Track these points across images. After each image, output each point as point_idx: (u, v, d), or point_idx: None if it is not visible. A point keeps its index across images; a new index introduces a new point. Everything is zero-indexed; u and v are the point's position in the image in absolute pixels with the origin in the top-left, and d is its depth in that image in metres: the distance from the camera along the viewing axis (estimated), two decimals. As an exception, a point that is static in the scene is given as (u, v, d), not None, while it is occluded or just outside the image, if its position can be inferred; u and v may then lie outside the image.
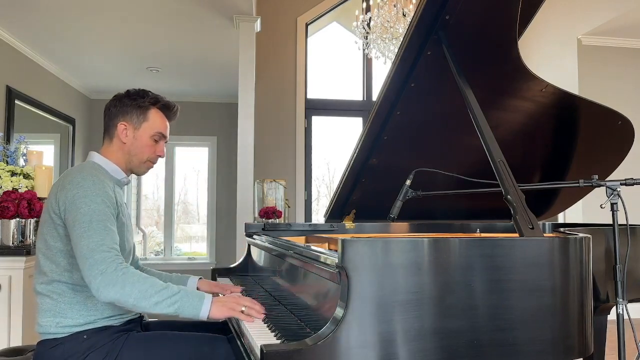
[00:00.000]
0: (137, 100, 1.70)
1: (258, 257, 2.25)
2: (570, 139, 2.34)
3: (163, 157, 1.79)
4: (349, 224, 2.38)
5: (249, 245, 2.40)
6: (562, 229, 1.92)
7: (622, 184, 1.57)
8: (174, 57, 5.13)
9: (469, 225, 2.58)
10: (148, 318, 1.88)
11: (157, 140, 1.74)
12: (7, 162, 2.85)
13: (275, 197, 4.72)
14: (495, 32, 1.74)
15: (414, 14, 1.66)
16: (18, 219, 2.68)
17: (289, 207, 5.12)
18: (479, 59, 1.82)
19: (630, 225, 1.68)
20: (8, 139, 4.40)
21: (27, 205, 2.65)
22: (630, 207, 1.62)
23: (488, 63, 1.85)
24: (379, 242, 1.21)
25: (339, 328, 1.14)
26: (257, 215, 4.45)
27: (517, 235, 1.41)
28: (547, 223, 2.67)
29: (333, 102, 6.23)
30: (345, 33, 6.37)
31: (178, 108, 1.81)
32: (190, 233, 7.21)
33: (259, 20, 4.19)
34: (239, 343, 1.42)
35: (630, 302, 1.64)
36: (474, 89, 1.66)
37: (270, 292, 1.89)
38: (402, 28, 4.40)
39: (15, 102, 4.75)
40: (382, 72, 6.14)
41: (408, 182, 1.79)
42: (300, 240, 2.20)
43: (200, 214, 7.13)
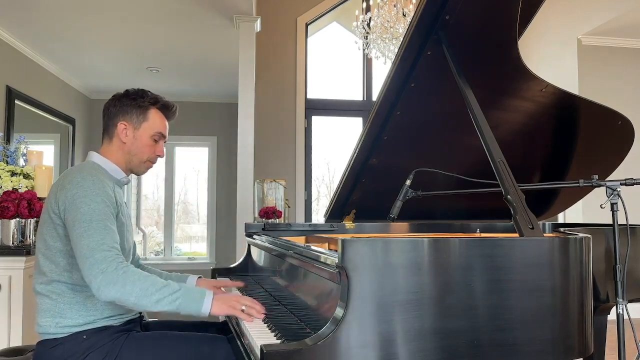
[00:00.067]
0: (136, 100, 1.70)
1: (258, 257, 2.25)
2: (570, 139, 2.34)
3: (162, 157, 1.79)
4: (349, 224, 2.38)
5: (249, 245, 2.40)
6: (562, 229, 1.92)
7: (622, 184, 1.57)
8: (174, 57, 5.13)
9: (469, 225, 2.58)
10: (148, 318, 1.88)
11: (156, 140, 1.74)
12: (7, 162, 2.85)
13: (275, 197, 4.72)
14: (495, 32, 1.74)
15: (414, 14, 1.66)
16: (18, 219, 2.68)
17: (289, 207, 5.12)
18: (479, 59, 1.82)
19: (630, 225, 1.68)
20: (8, 139, 4.40)
21: (27, 205, 2.65)
22: (630, 207, 1.62)
23: (488, 63, 1.85)
24: (379, 242, 1.21)
25: (339, 328, 1.14)
26: (257, 215, 4.45)
27: (517, 235, 1.41)
28: (547, 223, 2.67)
29: (333, 102, 6.23)
30: (345, 33, 6.37)
31: (177, 108, 1.81)
32: (190, 233, 7.21)
33: (259, 20, 4.19)
34: (239, 343, 1.42)
35: (630, 302, 1.64)
36: (474, 89, 1.66)
37: (270, 292, 1.89)
38: (402, 28, 4.40)
39: (15, 102, 4.75)
40: (382, 72, 6.14)
41: (408, 182, 1.79)
42: (300, 240, 2.20)
43: (200, 214, 7.13)
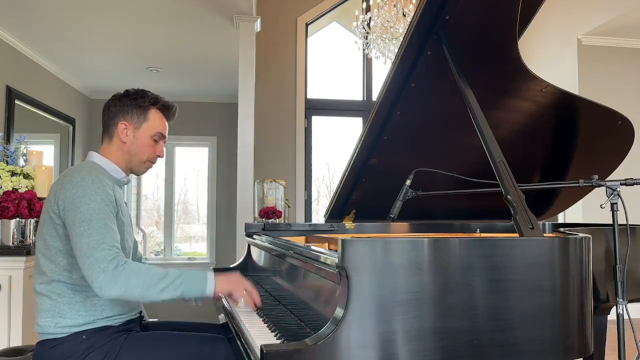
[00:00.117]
0: (137, 100, 1.70)
1: (258, 257, 2.25)
2: (570, 139, 2.34)
3: (162, 157, 1.79)
4: (349, 224, 2.38)
5: (249, 245, 2.40)
6: (562, 229, 1.92)
7: (622, 184, 1.57)
8: (174, 57, 5.13)
9: (469, 225, 2.58)
10: (148, 318, 1.88)
11: (156, 140, 1.74)
12: (7, 162, 2.85)
13: (275, 197, 4.72)
14: (495, 32, 1.74)
15: (414, 14, 1.66)
16: (18, 219, 2.68)
17: (289, 207, 5.12)
18: (479, 59, 1.82)
19: (630, 225, 1.68)
20: (8, 139, 4.40)
21: (27, 205, 2.65)
22: (630, 207, 1.62)
23: (488, 63, 1.85)
24: (379, 242, 1.21)
25: (339, 328, 1.14)
26: (257, 215, 4.45)
27: (517, 235, 1.41)
28: (547, 223, 2.67)
29: (333, 102, 6.23)
30: (345, 33, 6.37)
31: (177, 108, 1.82)
32: (190, 233, 7.21)
33: (259, 20, 4.19)
34: (239, 343, 1.42)
35: (630, 302, 1.64)
36: (474, 89, 1.66)
37: (270, 292, 1.89)
38: (402, 28, 4.39)
39: (15, 102, 4.75)
40: (382, 72, 6.14)
41: (408, 182, 1.79)
42: (300, 240, 2.20)
43: (200, 214, 7.13)
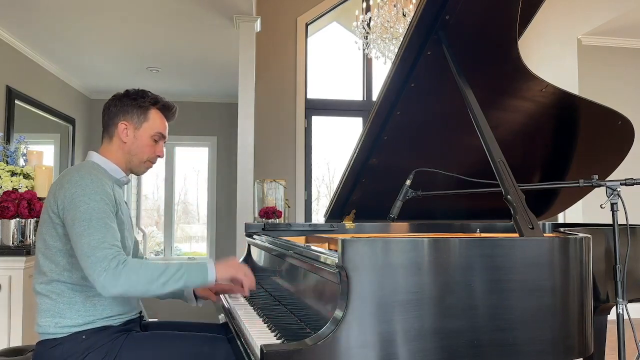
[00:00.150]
0: (137, 100, 1.71)
1: (258, 257, 2.25)
2: (570, 139, 2.34)
3: (162, 157, 1.79)
4: (349, 224, 2.38)
5: (249, 245, 2.40)
6: (562, 229, 1.92)
7: (622, 184, 1.57)
8: (174, 57, 5.13)
9: (469, 225, 2.58)
10: (148, 318, 1.88)
11: (157, 141, 1.74)
12: (7, 162, 2.85)
13: (275, 197, 4.72)
14: (495, 32, 1.74)
15: (414, 14, 1.66)
16: (18, 219, 2.68)
17: (289, 207, 5.12)
18: (479, 59, 1.82)
19: (630, 225, 1.68)
20: (8, 139, 4.40)
21: (27, 205, 2.65)
22: (630, 207, 1.62)
23: (488, 63, 1.85)
24: (379, 242, 1.21)
25: (339, 328, 1.14)
26: (257, 215, 4.45)
27: (517, 235, 1.41)
28: (547, 223, 2.67)
29: (333, 102, 6.23)
30: (345, 33, 6.37)
31: (177, 109, 1.82)
32: (190, 233, 7.21)
33: (259, 20, 4.19)
34: (239, 343, 1.42)
35: (630, 302, 1.64)
36: (474, 89, 1.66)
37: (270, 292, 1.89)
38: (402, 28, 4.39)
39: (15, 102, 4.75)
40: (382, 72, 6.14)
41: (408, 182, 1.79)
42: (300, 240, 2.20)
43: (200, 214, 7.13)
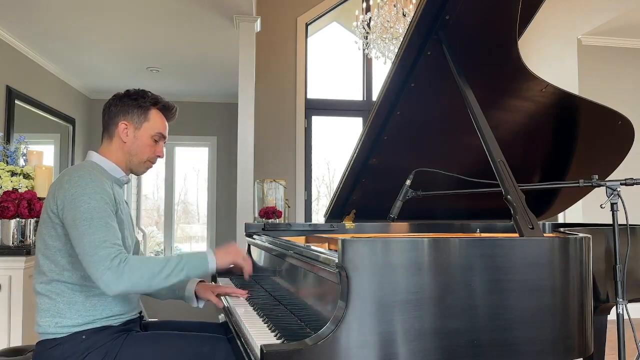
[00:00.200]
0: (137, 100, 1.71)
1: (258, 257, 2.25)
2: (570, 139, 2.34)
3: (162, 157, 1.79)
4: (349, 224, 2.38)
5: (249, 245, 2.40)
6: (562, 229, 1.92)
7: (622, 184, 1.57)
8: (174, 57, 5.13)
9: (469, 225, 2.58)
10: (148, 318, 1.88)
11: (157, 141, 1.74)
12: (7, 162, 2.85)
13: (275, 197, 4.72)
14: (495, 32, 1.74)
15: (414, 14, 1.66)
16: (18, 219, 2.68)
17: (289, 207, 5.12)
18: (479, 59, 1.82)
19: (630, 225, 1.68)
20: (8, 139, 4.40)
21: (27, 205, 2.65)
22: (630, 207, 1.62)
23: (488, 63, 1.85)
24: (379, 242, 1.21)
25: (339, 328, 1.14)
26: (257, 215, 4.45)
27: (517, 235, 1.41)
28: (547, 223, 2.67)
29: (333, 102, 6.23)
30: (345, 33, 6.37)
31: (177, 109, 1.82)
32: (190, 233, 7.21)
33: (259, 20, 4.19)
34: (239, 343, 1.42)
35: (630, 302, 1.64)
36: (474, 89, 1.66)
37: (270, 292, 1.89)
38: (402, 28, 4.39)
39: (15, 102, 4.75)
40: (382, 72, 6.14)
41: (408, 182, 1.79)
42: (300, 240, 2.20)
43: (200, 214, 7.13)
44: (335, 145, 6.32)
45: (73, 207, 1.49)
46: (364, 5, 4.90)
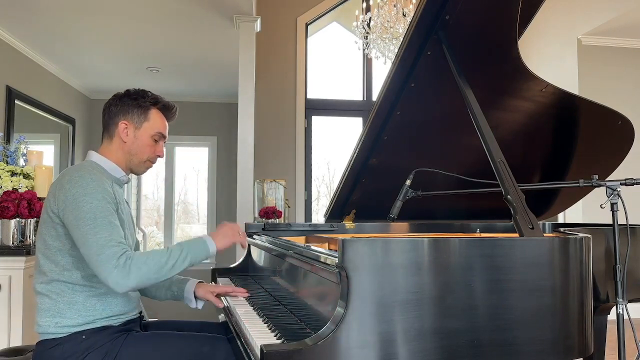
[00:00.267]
0: (138, 100, 1.71)
1: (258, 257, 2.25)
2: (570, 139, 2.34)
3: (162, 157, 1.79)
4: (349, 224, 2.38)
5: (249, 245, 2.40)
6: (562, 229, 1.92)
7: (622, 184, 1.57)
8: (174, 57, 5.13)
9: (469, 225, 2.58)
10: (147, 318, 1.88)
11: (157, 140, 1.74)
12: (7, 162, 2.85)
13: (275, 197, 4.72)
14: (495, 32, 1.74)
15: (414, 14, 1.66)
16: (18, 219, 2.68)
17: (289, 207, 5.12)
18: (479, 59, 1.82)
19: (630, 225, 1.68)
20: (8, 139, 4.40)
21: (27, 205, 2.65)
22: (630, 207, 1.62)
23: (488, 63, 1.85)
24: (379, 242, 1.21)
25: (339, 328, 1.14)
26: (257, 215, 4.44)
27: (517, 235, 1.41)
28: (547, 223, 2.67)
29: (333, 102, 6.23)
30: (345, 33, 6.37)
31: (177, 109, 1.82)
32: (190, 233, 7.21)
33: (259, 20, 4.19)
34: (239, 343, 1.42)
35: (630, 302, 1.64)
36: (474, 89, 1.66)
37: (270, 292, 1.89)
38: (402, 28, 4.39)
39: (15, 102, 4.75)
40: (382, 72, 6.14)
41: (408, 182, 1.79)
42: (300, 240, 2.20)
43: (200, 214, 7.13)
44: (335, 145, 6.31)
45: (75, 207, 1.49)
46: (364, 5, 4.90)
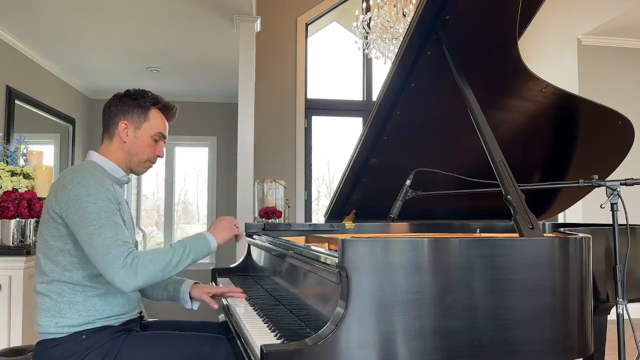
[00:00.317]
0: (138, 100, 1.71)
1: (258, 257, 2.25)
2: (570, 139, 2.34)
3: (162, 157, 1.79)
4: (349, 224, 2.38)
5: (249, 245, 2.40)
6: (562, 229, 1.92)
7: (622, 184, 1.57)
8: (174, 57, 5.13)
9: (469, 225, 2.58)
10: (147, 318, 1.88)
11: (157, 140, 1.74)
12: (7, 162, 2.85)
13: (275, 197, 4.72)
14: (495, 32, 1.74)
15: (414, 14, 1.66)
16: (18, 219, 2.68)
17: (289, 207, 5.12)
18: (479, 59, 1.82)
19: (630, 225, 1.68)
20: (8, 139, 4.40)
21: (27, 205, 2.65)
22: (630, 207, 1.62)
23: (488, 63, 1.85)
24: (379, 242, 1.21)
25: (339, 328, 1.14)
26: (257, 215, 4.44)
27: (517, 235, 1.41)
28: (547, 223, 2.67)
29: (333, 102, 6.23)
30: (345, 33, 6.37)
31: (177, 109, 1.82)
32: (191, 233, 7.21)
33: (259, 20, 4.19)
34: (239, 343, 1.42)
35: (630, 302, 1.64)
36: (474, 89, 1.66)
37: (270, 292, 1.89)
38: (402, 28, 4.39)
39: (15, 102, 4.75)
40: (382, 72, 6.14)
41: (408, 182, 1.79)
42: (300, 240, 2.20)
43: (200, 214, 7.13)
44: (335, 145, 6.31)
45: (78, 207, 1.50)
46: (364, 5, 4.90)
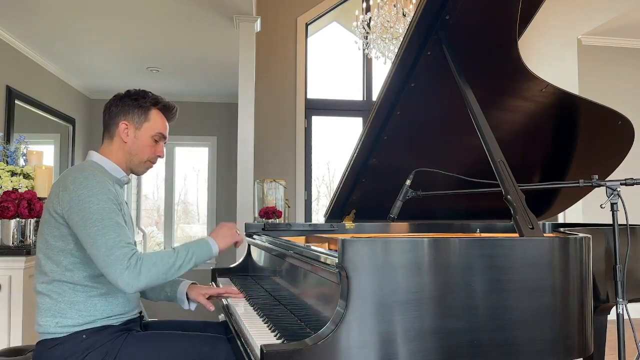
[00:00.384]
0: (138, 100, 1.71)
1: (258, 257, 2.25)
2: (570, 139, 2.34)
3: (163, 157, 1.79)
4: (349, 224, 2.38)
5: (249, 245, 2.40)
6: (562, 229, 1.92)
7: (622, 184, 1.57)
8: (174, 57, 5.13)
9: (469, 225, 2.58)
10: (148, 318, 1.88)
11: (157, 141, 1.74)
12: (7, 162, 2.85)
13: (275, 197, 4.72)
14: (495, 32, 1.74)
15: (414, 14, 1.66)
16: (18, 219, 2.68)
17: (289, 207, 5.12)
18: (479, 59, 1.82)
19: (630, 225, 1.68)
20: (8, 139, 4.40)
21: (27, 205, 2.65)
22: (630, 207, 1.62)
23: (488, 63, 1.85)
24: (379, 242, 1.21)
25: (339, 328, 1.14)
26: (257, 215, 4.45)
27: (517, 235, 1.41)
28: (547, 223, 2.67)
29: (333, 102, 6.23)
30: (345, 33, 6.37)
31: (177, 109, 1.82)
32: (190, 233, 7.21)
33: (259, 20, 4.19)
34: (239, 343, 1.42)
35: (630, 302, 1.64)
36: (474, 89, 1.66)
37: (270, 292, 1.89)
38: (402, 28, 4.39)
39: (15, 102, 4.75)
40: (382, 72, 6.14)
41: (408, 182, 1.79)
42: (300, 240, 2.20)
43: (200, 214, 7.13)
44: (335, 145, 6.31)
45: (81, 208, 1.49)
46: (364, 5, 4.90)
